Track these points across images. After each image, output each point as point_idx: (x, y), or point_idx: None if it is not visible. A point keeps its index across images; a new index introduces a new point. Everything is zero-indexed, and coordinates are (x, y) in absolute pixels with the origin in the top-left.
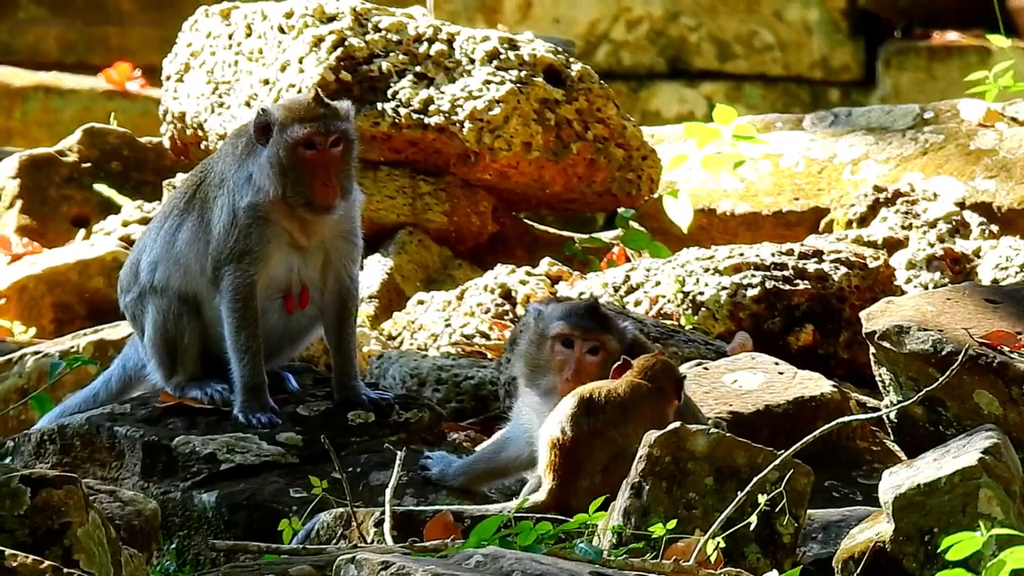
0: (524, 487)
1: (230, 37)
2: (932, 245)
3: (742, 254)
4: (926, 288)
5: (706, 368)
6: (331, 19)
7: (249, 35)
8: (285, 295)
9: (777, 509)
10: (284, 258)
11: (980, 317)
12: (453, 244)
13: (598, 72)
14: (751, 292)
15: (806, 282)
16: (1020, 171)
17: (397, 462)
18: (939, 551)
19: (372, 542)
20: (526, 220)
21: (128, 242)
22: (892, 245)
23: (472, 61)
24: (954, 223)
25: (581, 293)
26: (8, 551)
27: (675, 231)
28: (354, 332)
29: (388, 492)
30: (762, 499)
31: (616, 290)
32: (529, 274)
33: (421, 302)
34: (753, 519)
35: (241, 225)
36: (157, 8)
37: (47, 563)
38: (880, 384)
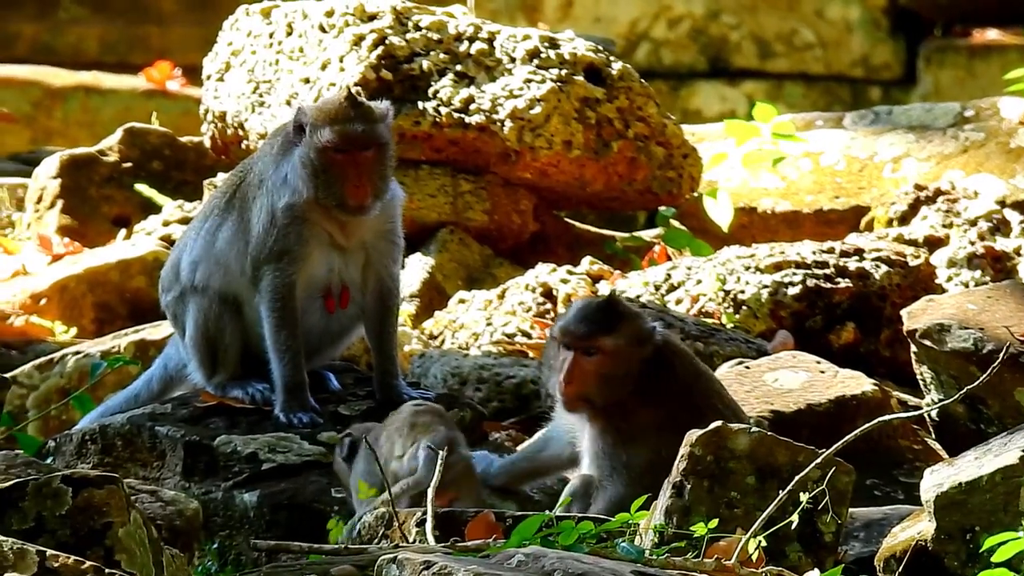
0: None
1: (271, 36)
2: (973, 243)
3: (783, 252)
4: (967, 286)
5: (747, 367)
6: (372, 18)
7: (290, 34)
8: (325, 295)
9: (819, 508)
10: (324, 258)
11: (1021, 315)
12: (494, 243)
13: (639, 71)
14: (792, 290)
15: (847, 280)
16: None
17: (439, 461)
18: (981, 550)
19: (414, 542)
20: (567, 219)
21: (169, 242)
22: (933, 243)
23: (513, 60)
24: (995, 221)
25: (623, 291)
26: (50, 551)
27: (716, 229)
28: (395, 331)
29: (430, 492)
30: (804, 498)
31: (657, 289)
32: (570, 273)
33: (462, 301)
34: (795, 518)
35: (280, 225)
36: (198, 7)
37: (88, 563)
38: (921, 382)
